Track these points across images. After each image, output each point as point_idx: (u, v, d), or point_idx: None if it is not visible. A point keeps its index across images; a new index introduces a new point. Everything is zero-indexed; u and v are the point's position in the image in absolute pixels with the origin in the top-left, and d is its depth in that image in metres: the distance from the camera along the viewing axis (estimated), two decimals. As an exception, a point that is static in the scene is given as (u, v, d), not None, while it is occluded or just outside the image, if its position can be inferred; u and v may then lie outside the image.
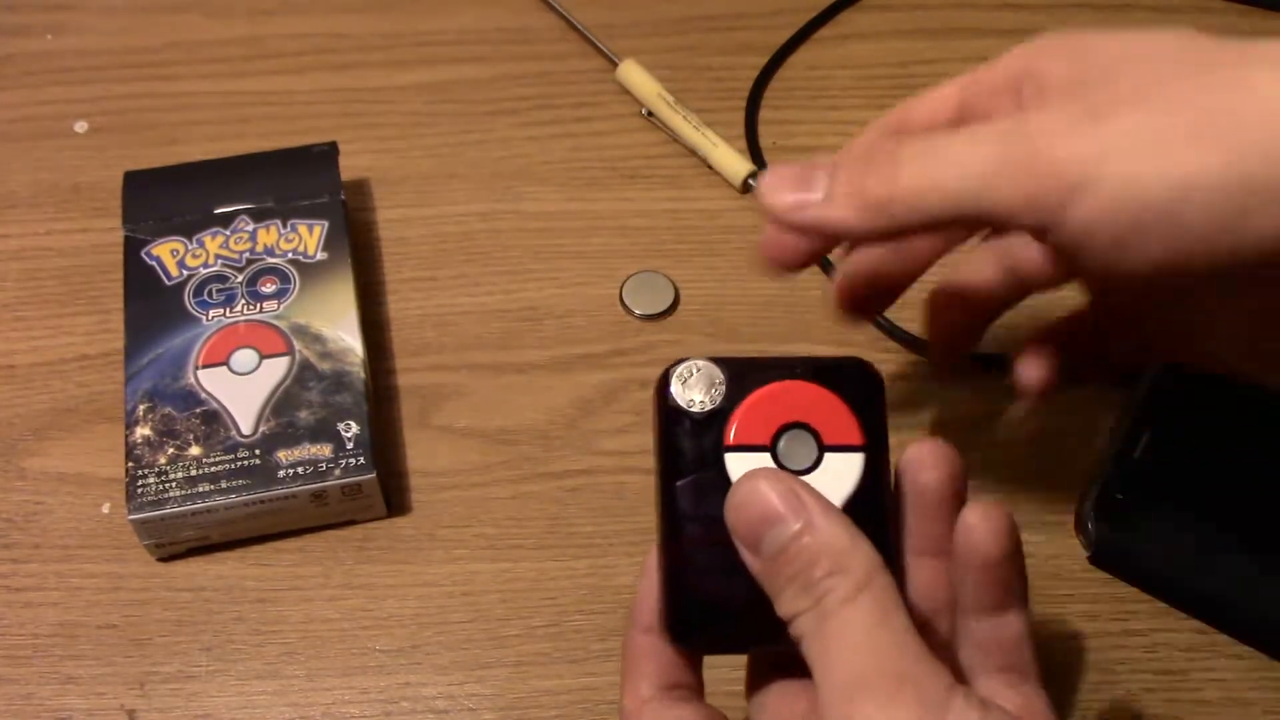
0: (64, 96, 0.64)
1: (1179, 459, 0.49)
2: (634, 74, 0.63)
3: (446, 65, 0.65)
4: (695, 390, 0.33)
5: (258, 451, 0.49)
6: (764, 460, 0.33)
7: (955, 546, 0.33)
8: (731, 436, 0.33)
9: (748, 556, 0.32)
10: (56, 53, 0.66)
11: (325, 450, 0.49)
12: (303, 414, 0.50)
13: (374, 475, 0.49)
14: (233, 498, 0.48)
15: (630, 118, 0.63)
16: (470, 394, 0.54)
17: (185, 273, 0.54)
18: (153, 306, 0.53)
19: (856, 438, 0.33)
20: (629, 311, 0.56)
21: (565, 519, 0.51)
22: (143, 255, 0.54)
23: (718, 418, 0.33)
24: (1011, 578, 0.33)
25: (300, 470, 0.48)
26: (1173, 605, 0.48)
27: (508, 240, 0.59)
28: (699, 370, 0.34)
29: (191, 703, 0.47)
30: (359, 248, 0.58)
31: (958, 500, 0.34)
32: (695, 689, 0.35)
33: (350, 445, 0.49)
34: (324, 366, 0.51)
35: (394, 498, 0.51)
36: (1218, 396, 0.51)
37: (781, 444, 0.33)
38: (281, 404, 0.50)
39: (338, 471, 0.48)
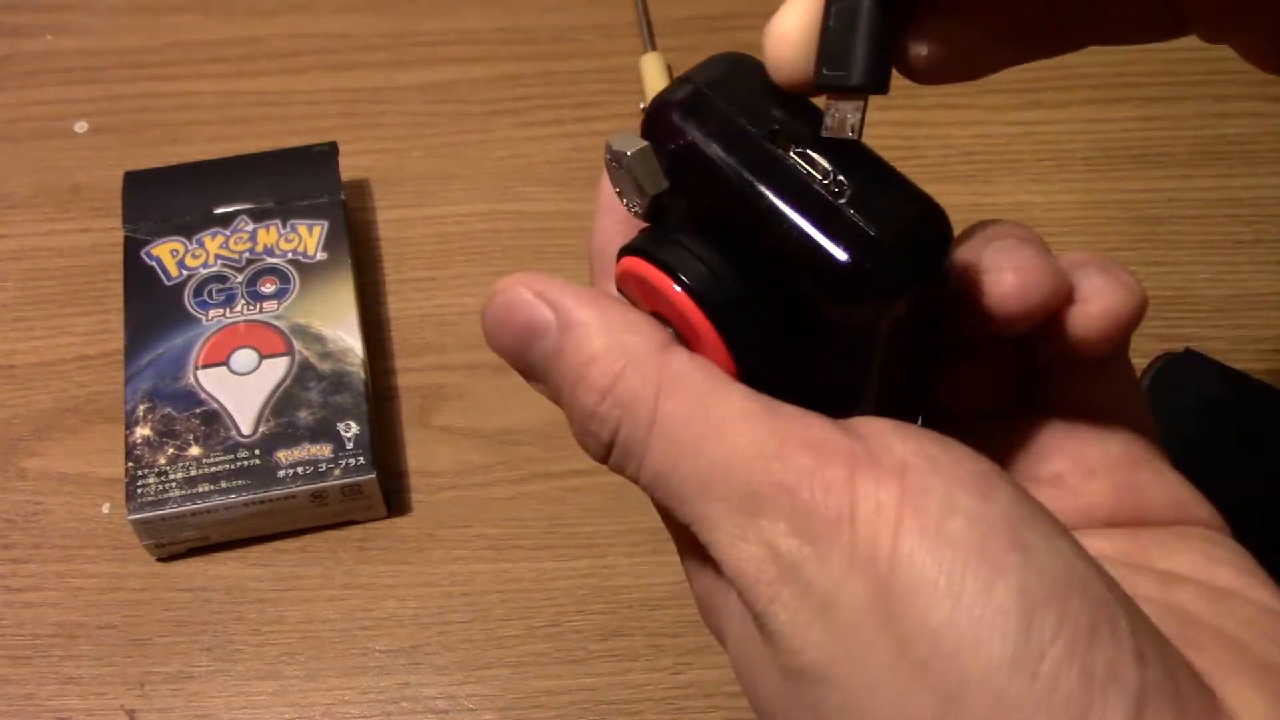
0: (64, 96, 0.64)
1: (1179, 456, 0.49)
2: (652, 67, 0.63)
3: (446, 65, 0.65)
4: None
5: (258, 451, 0.49)
6: None
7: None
8: None
9: (536, 387, 0.27)
10: (56, 53, 0.66)
11: (325, 450, 0.49)
12: (303, 414, 0.50)
13: (374, 475, 0.49)
14: (233, 498, 0.48)
15: (630, 118, 0.63)
16: (470, 394, 0.54)
17: (185, 273, 0.54)
18: (153, 306, 0.53)
19: None
20: (629, 311, 0.56)
21: (565, 519, 0.51)
22: (143, 255, 0.54)
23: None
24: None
25: (300, 470, 0.48)
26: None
27: (508, 240, 0.59)
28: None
29: (191, 703, 0.47)
30: (359, 248, 0.58)
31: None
32: None
33: (350, 445, 0.49)
34: (324, 366, 0.51)
35: (394, 498, 0.51)
36: (1218, 393, 0.51)
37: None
38: (281, 404, 0.50)
39: (338, 471, 0.48)
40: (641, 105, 0.62)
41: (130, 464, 0.48)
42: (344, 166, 0.57)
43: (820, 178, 0.24)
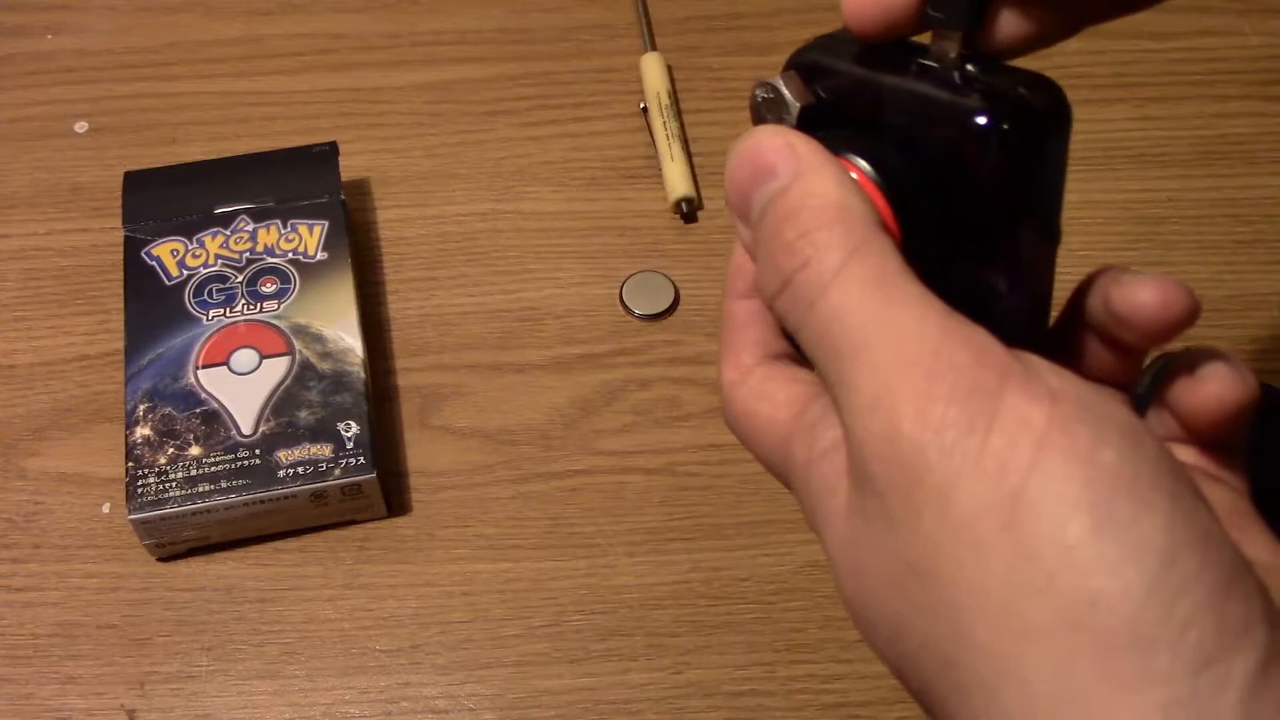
0: (64, 96, 0.64)
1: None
2: (652, 67, 0.63)
3: (446, 65, 0.65)
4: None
5: (258, 451, 0.49)
6: None
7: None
8: None
9: (742, 232, 0.28)
10: (56, 53, 0.66)
11: (325, 450, 0.49)
12: (303, 414, 0.50)
13: (374, 475, 0.49)
14: (233, 498, 0.48)
15: (630, 118, 0.63)
16: (470, 394, 0.54)
17: (185, 273, 0.54)
18: (153, 306, 0.53)
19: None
20: (629, 311, 0.56)
21: (565, 519, 0.51)
22: (143, 255, 0.54)
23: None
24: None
25: (300, 470, 0.48)
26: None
27: (508, 240, 0.59)
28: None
29: (191, 703, 0.47)
30: (359, 248, 0.58)
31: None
32: (797, 358, 0.30)
33: (350, 445, 0.49)
34: (324, 366, 0.51)
35: (394, 498, 0.51)
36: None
37: None
38: (281, 404, 0.50)
39: (338, 471, 0.48)
40: (641, 105, 0.62)
41: (130, 464, 0.48)
42: (344, 166, 0.57)
43: (941, 69, 0.27)
